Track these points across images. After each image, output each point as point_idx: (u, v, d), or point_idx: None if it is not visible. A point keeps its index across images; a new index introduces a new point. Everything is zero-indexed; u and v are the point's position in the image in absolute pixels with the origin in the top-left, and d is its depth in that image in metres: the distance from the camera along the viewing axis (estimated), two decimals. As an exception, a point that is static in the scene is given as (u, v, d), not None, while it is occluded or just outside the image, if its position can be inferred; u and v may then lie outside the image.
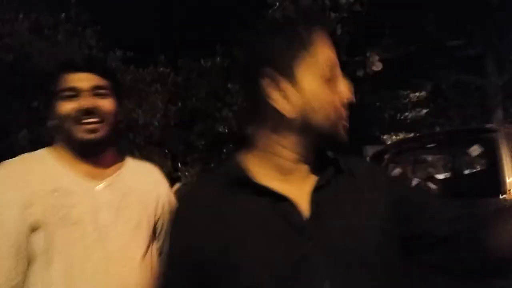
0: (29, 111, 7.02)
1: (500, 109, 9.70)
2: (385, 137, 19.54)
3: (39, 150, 1.28)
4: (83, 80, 1.23)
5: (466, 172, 4.57)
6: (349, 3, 5.96)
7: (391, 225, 0.89)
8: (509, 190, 3.28)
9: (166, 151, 17.29)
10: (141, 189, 1.31)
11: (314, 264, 0.81)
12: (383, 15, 7.79)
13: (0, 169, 1.19)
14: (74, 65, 1.25)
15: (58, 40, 7.46)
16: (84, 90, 1.22)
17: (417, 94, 15.35)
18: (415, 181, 4.70)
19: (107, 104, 1.25)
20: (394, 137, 21.30)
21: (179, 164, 17.02)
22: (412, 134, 20.83)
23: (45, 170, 1.20)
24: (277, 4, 5.98)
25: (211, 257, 0.82)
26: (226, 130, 13.23)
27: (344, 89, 0.88)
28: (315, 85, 0.84)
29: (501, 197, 3.27)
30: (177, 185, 4.61)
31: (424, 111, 16.60)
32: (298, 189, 0.87)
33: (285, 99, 0.84)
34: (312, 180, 0.89)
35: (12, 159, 1.23)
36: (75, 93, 1.22)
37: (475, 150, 3.69)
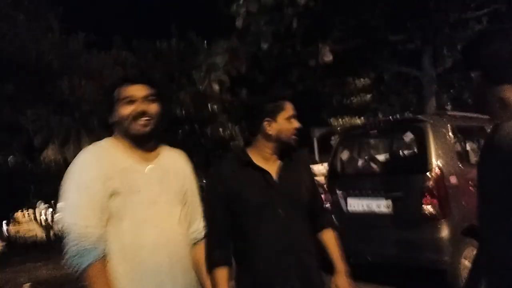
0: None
1: (433, 97, 10.74)
2: (332, 120, 20.60)
3: (105, 139, 1.74)
4: (137, 90, 1.69)
5: (401, 154, 5.35)
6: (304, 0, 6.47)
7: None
8: (434, 168, 4.06)
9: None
10: (174, 168, 1.82)
11: (276, 200, 1.80)
12: (334, 11, 8.36)
13: (84, 153, 1.66)
14: (131, 79, 1.73)
15: (20, 21, 7.35)
16: (138, 98, 1.68)
17: (362, 80, 16.38)
18: (360, 162, 5.44)
19: (154, 107, 1.71)
20: (340, 120, 22.48)
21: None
22: (356, 117, 22.11)
23: (114, 154, 1.67)
24: (241, 1, 6.40)
25: (232, 194, 1.80)
26: (183, 113, 13.55)
27: (294, 123, 1.86)
28: (283, 122, 1.83)
29: (427, 174, 4.05)
30: None
31: (368, 96, 17.72)
32: (272, 167, 1.87)
33: (270, 127, 1.83)
34: (279, 162, 1.89)
35: (90, 146, 1.71)
36: (132, 100, 1.67)
37: (408, 136, 4.45)
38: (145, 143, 1.74)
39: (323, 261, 1.93)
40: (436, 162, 4.08)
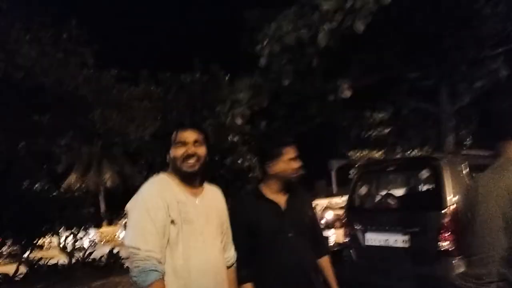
0: (29, 123, 7.50)
1: (452, 132, 10.83)
2: (350, 153, 20.68)
3: (161, 174, 2.06)
4: (188, 135, 2.02)
5: (418, 191, 5.49)
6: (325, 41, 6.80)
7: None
8: (449, 206, 4.21)
9: (143, 162, 17.69)
10: (215, 203, 2.16)
11: (286, 226, 2.27)
12: (353, 49, 8.70)
13: (149, 184, 1.97)
14: (184, 126, 2.06)
15: (57, 57, 7.87)
16: (189, 142, 2.01)
17: (380, 115, 16.54)
18: (378, 197, 5.60)
19: (201, 150, 2.05)
20: (358, 153, 22.53)
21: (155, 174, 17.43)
22: (375, 151, 22.11)
23: (171, 188, 1.99)
24: (265, 42, 6.80)
25: (250, 222, 2.26)
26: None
27: (293, 164, 2.34)
28: (282, 164, 2.33)
29: (443, 211, 4.20)
30: None
31: (386, 130, 17.83)
32: (281, 199, 2.36)
33: (271, 169, 2.37)
34: (287, 195, 2.38)
35: (152, 179, 2.01)
36: (184, 143, 2.01)
37: (424, 174, 4.63)
38: (192, 180, 2.04)
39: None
40: (452, 199, 4.23)
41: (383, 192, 5.70)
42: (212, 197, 2.15)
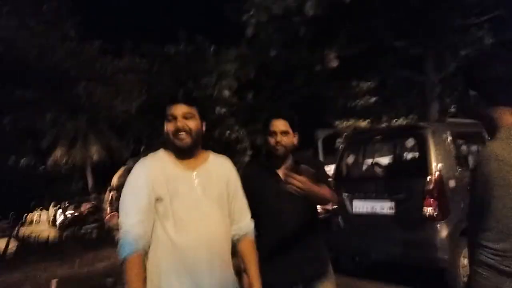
0: (13, 98, 7.34)
1: (437, 101, 10.98)
2: (337, 123, 20.78)
3: (159, 151, 2.04)
4: (178, 109, 1.98)
5: (404, 159, 5.60)
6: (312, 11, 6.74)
7: None
8: (434, 173, 4.32)
9: (129, 135, 17.55)
10: (217, 175, 2.07)
11: (282, 194, 2.19)
12: (339, 19, 8.63)
13: (138, 164, 1.97)
14: (174, 99, 2.01)
15: (38, 30, 7.64)
16: (178, 115, 1.97)
17: (366, 84, 16.56)
18: (364, 166, 5.71)
19: (192, 123, 1.98)
20: (345, 122, 22.65)
21: (142, 148, 17.35)
22: (361, 120, 22.22)
23: (163, 164, 1.97)
24: (252, 11, 6.69)
25: (254, 189, 2.26)
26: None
27: (272, 139, 2.37)
28: (268, 137, 2.40)
29: (427, 177, 4.31)
30: (121, 169, 4.77)
31: (373, 99, 17.90)
32: (281, 170, 2.36)
33: (265, 141, 2.47)
34: (289, 166, 2.38)
35: (142, 159, 2.00)
36: (174, 118, 1.97)
37: (410, 142, 4.72)
38: (186, 154, 2.01)
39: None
40: (436, 167, 4.35)
41: (370, 161, 5.81)
42: (217, 167, 2.09)
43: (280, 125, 2.38)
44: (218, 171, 2.10)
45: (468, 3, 8.92)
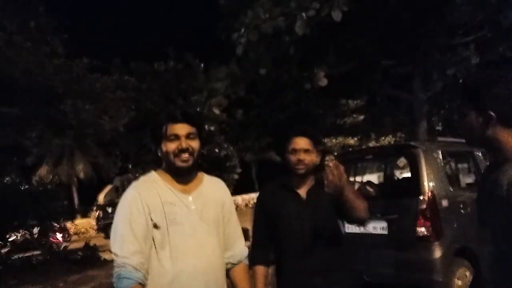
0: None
1: (424, 119, 11.07)
2: (325, 140, 20.91)
3: (151, 173, 1.94)
4: (181, 128, 1.85)
5: (396, 178, 5.60)
6: (302, 30, 6.79)
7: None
8: (426, 192, 4.30)
9: (117, 153, 17.38)
10: (213, 198, 1.98)
11: (305, 213, 2.19)
12: (329, 38, 8.72)
13: (131, 189, 1.85)
14: (175, 118, 1.89)
15: (26, 46, 7.56)
16: (181, 135, 1.85)
17: (355, 102, 16.75)
18: (356, 185, 5.68)
19: (195, 144, 1.88)
20: (334, 140, 22.82)
21: (130, 166, 17.17)
22: (349, 138, 22.39)
23: (158, 188, 1.86)
24: (242, 30, 6.71)
25: (271, 210, 2.25)
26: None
27: (295, 156, 2.23)
28: (288, 155, 2.26)
29: (420, 197, 4.28)
30: (108, 187, 4.64)
31: (361, 117, 18.09)
32: (302, 189, 2.27)
33: (285, 160, 2.31)
34: (312, 186, 2.29)
35: (136, 182, 1.89)
36: (176, 137, 1.84)
37: (402, 161, 4.72)
38: (186, 176, 1.93)
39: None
40: (428, 186, 4.32)
41: (361, 180, 5.78)
42: (212, 190, 2.00)
43: (302, 143, 2.24)
44: (214, 194, 2.02)
45: (454, 23, 9.09)
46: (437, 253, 4.12)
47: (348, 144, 22.54)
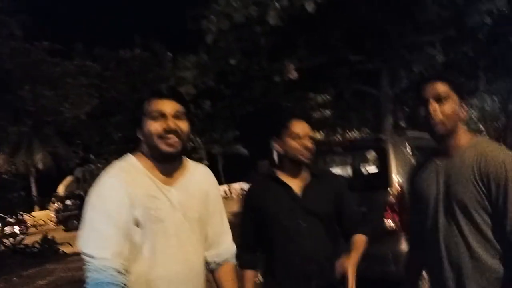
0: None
1: (390, 115, 11.27)
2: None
3: (127, 158, 1.64)
4: (167, 105, 1.56)
5: (364, 171, 5.64)
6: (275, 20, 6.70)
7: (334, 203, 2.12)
8: (394, 185, 4.33)
9: (78, 142, 16.71)
10: (199, 191, 1.72)
11: (298, 212, 2.01)
12: (300, 30, 8.68)
13: (108, 177, 1.57)
14: (161, 93, 1.61)
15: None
16: (168, 114, 1.56)
17: (323, 96, 16.85)
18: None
19: (183, 125, 1.60)
20: (300, 134, 22.89)
21: (92, 156, 16.52)
22: (316, 131, 22.54)
23: (138, 178, 1.57)
24: (213, 18, 6.53)
25: (261, 207, 2.05)
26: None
27: (302, 142, 2.06)
28: (289, 141, 2.05)
29: (388, 190, 4.31)
30: (68, 178, 4.36)
31: (328, 112, 18.24)
32: (297, 183, 2.07)
33: (279, 147, 2.09)
34: (305, 179, 2.10)
35: (113, 169, 1.59)
36: (162, 115, 1.56)
37: (371, 154, 4.73)
38: (170, 163, 1.65)
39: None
40: (396, 179, 4.35)
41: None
42: (198, 181, 1.72)
43: (305, 128, 2.03)
44: (200, 186, 1.74)
45: (420, 20, 9.26)
46: (405, 246, 4.15)
47: (314, 138, 22.71)
